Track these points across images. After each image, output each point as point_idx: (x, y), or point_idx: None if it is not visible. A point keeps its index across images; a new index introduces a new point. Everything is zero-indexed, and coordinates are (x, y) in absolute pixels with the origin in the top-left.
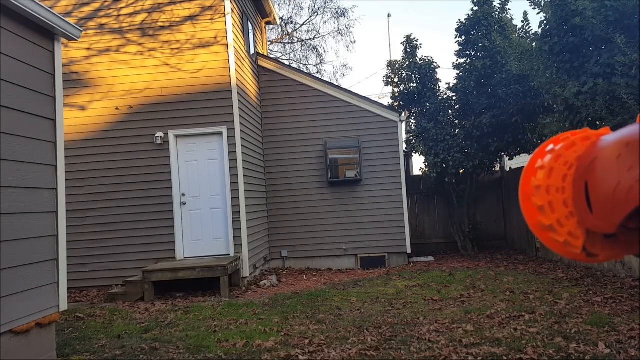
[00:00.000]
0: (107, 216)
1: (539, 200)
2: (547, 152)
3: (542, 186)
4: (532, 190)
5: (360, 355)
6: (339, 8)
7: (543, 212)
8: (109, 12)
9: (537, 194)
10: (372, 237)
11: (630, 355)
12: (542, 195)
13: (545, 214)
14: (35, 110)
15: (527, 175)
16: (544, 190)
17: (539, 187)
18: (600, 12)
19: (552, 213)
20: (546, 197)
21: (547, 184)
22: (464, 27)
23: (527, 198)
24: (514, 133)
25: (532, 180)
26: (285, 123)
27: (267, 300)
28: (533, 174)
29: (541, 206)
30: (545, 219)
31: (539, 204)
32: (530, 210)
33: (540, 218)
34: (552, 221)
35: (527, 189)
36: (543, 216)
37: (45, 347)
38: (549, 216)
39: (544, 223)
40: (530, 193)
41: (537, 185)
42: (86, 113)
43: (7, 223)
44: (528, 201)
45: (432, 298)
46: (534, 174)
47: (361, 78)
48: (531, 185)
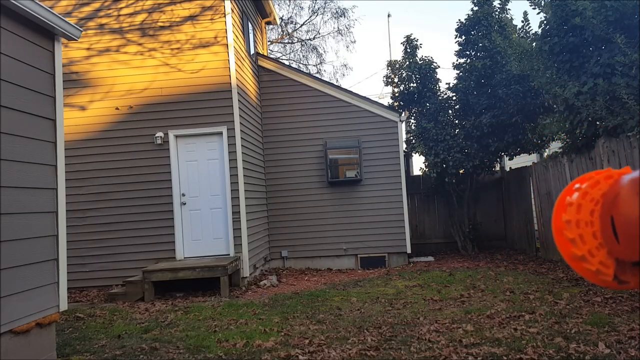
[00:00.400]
0: (107, 216)
1: (570, 233)
2: (574, 189)
3: (572, 221)
4: (564, 225)
5: (360, 355)
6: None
7: (575, 244)
8: (109, 12)
9: (568, 228)
10: (372, 237)
11: (630, 355)
12: (573, 229)
13: (577, 246)
14: (35, 110)
15: (558, 211)
16: (574, 225)
17: (570, 222)
18: (600, 12)
19: (583, 245)
20: (577, 231)
21: (576, 218)
22: (464, 27)
23: (560, 232)
24: (514, 133)
25: (562, 216)
26: (285, 123)
27: (267, 300)
28: (563, 210)
29: (573, 239)
30: (577, 250)
31: (571, 237)
32: (564, 242)
33: (573, 249)
34: (584, 252)
35: (559, 223)
36: (575, 248)
37: (45, 347)
38: (580, 247)
39: (577, 254)
40: (562, 227)
41: (567, 220)
42: (86, 113)
43: (7, 223)
44: (561, 234)
45: (432, 298)
46: (564, 210)
47: (361, 78)
48: (562, 220)
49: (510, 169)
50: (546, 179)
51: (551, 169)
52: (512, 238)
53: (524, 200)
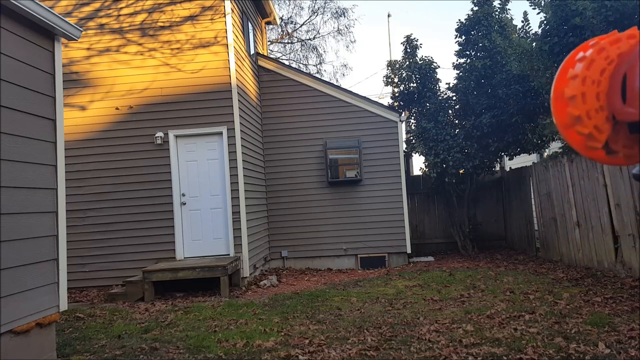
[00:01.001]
0: (107, 216)
1: (572, 90)
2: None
3: (578, 76)
4: (567, 82)
5: (360, 355)
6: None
7: (574, 102)
8: (109, 12)
9: (572, 84)
10: (372, 237)
11: (630, 355)
12: (577, 86)
13: (575, 105)
14: (35, 110)
15: (564, 68)
16: (579, 81)
17: (575, 77)
18: (600, 12)
19: (583, 104)
20: (580, 88)
21: (584, 74)
22: (464, 27)
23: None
24: (514, 133)
25: (569, 71)
26: (285, 123)
27: (267, 300)
28: (572, 65)
29: (573, 96)
30: (574, 109)
31: (571, 94)
32: (561, 105)
33: (569, 109)
34: (582, 112)
35: (562, 86)
36: (573, 106)
37: (45, 347)
38: (579, 107)
39: (573, 113)
40: (564, 84)
41: (574, 75)
42: (86, 113)
43: (7, 223)
44: (560, 101)
45: (432, 298)
46: (572, 65)
47: (361, 78)
48: (567, 76)
49: (510, 169)
50: (546, 179)
51: (551, 169)
52: (512, 238)
53: (524, 200)
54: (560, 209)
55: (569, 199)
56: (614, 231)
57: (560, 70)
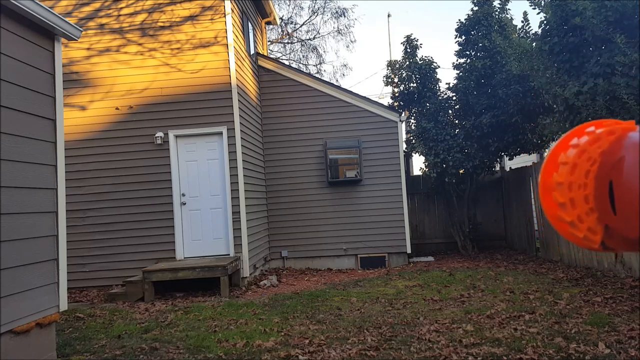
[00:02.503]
0: (107, 216)
1: (560, 197)
2: (570, 145)
3: (564, 183)
4: (554, 186)
5: (360, 355)
6: (339, 8)
7: (564, 208)
8: (109, 12)
9: (559, 190)
10: (372, 237)
11: (630, 355)
12: (564, 192)
13: (566, 211)
14: (35, 110)
15: (548, 168)
16: (566, 187)
17: (561, 184)
18: (600, 12)
19: (573, 210)
20: (568, 194)
21: (569, 180)
22: (464, 27)
23: (548, 192)
24: (514, 133)
25: (554, 176)
26: (285, 123)
27: (267, 300)
28: (555, 169)
29: (563, 203)
30: (566, 215)
31: (561, 201)
32: (551, 204)
33: (560, 214)
34: (573, 217)
35: (548, 182)
36: (564, 212)
37: (45, 347)
38: (569, 213)
39: (565, 219)
40: (551, 187)
41: (559, 182)
42: (86, 113)
43: (7, 223)
44: (549, 195)
45: (432, 298)
46: (555, 169)
47: (361, 78)
48: (553, 180)
49: (510, 169)
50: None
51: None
52: (512, 238)
53: (524, 200)
54: None
55: None
56: None
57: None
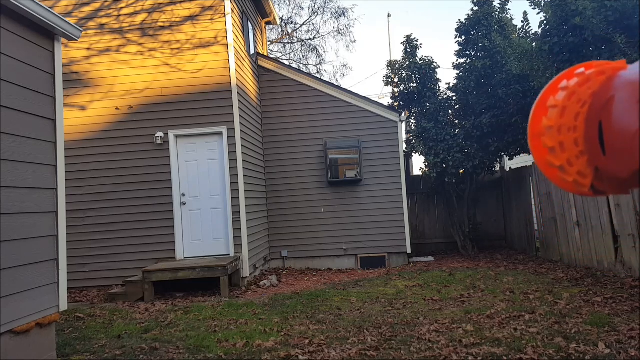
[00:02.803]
0: (107, 216)
1: (549, 141)
2: (559, 88)
3: (553, 126)
4: (543, 130)
5: (360, 355)
6: (339, 8)
7: (554, 152)
8: (109, 12)
9: (548, 134)
10: (372, 237)
11: (630, 355)
12: (554, 136)
13: (555, 155)
14: (35, 110)
15: (537, 112)
16: (555, 131)
17: (551, 128)
18: (600, 12)
19: (562, 153)
20: (557, 138)
21: (559, 123)
22: (464, 27)
23: (537, 137)
24: (514, 133)
25: (542, 120)
26: (285, 123)
27: (267, 300)
28: (544, 112)
29: (552, 147)
30: (555, 159)
31: (550, 145)
32: (540, 149)
33: (550, 158)
34: (562, 161)
35: (537, 127)
36: (553, 157)
37: (45, 347)
38: (559, 156)
39: (554, 163)
40: (540, 132)
41: (548, 125)
42: (86, 113)
43: (7, 223)
44: (537, 140)
45: (432, 298)
46: (544, 113)
47: (361, 78)
48: (542, 124)
49: (510, 169)
50: (546, 179)
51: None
52: (512, 238)
53: (524, 200)
54: (560, 209)
55: (569, 198)
56: (614, 231)
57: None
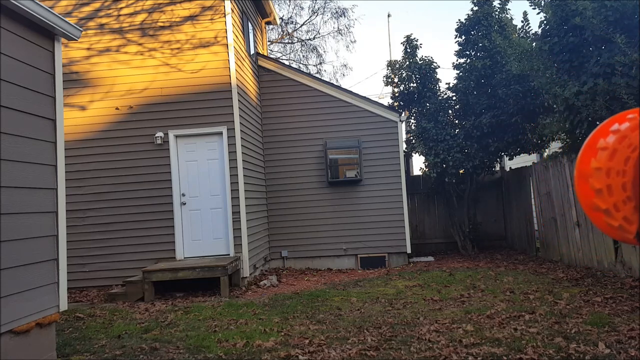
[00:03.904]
0: (107, 216)
1: (597, 183)
2: (610, 131)
3: (602, 168)
4: (591, 171)
5: (360, 355)
6: (339, 8)
7: (601, 195)
8: (109, 12)
9: (596, 175)
10: (372, 237)
11: (630, 355)
12: (602, 178)
13: (602, 198)
14: (35, 110)
15: (586, 153)
16: (604, 173)
17: (600, 170)
18: (600, 12)
19: (609, 197)
20: (605, 180)
21: (608, 166)
22: (464, 27)
23: (584, 178)
24: (514, 133)
25: (592, 161)
26: (285, 123)
27: (267, 300)
28: (593, 155)
29: (599, 189)
30: (602, 202)
31: (598, 187)
32: (586, 190)
33: (596, 200)
34: (609, 205)
35: (586, 168)
36: (600, 199)
37: (45, 347)
38: (606, 200)
39: (600, 206)
40: (588, 174)
41: (597, 167)
42: (86, 113)
43: (7, 223)
44: (584, 181)
45: (432, 298)
46: (594, 155)
47: (361, 78)
48: (590, 166)
49: (510, 169)
50: (546, 179)
51: (551, 169)
52: (512, 238)
53: (524, 200)
54: (560, 209)
55: (569, 198)
56: None
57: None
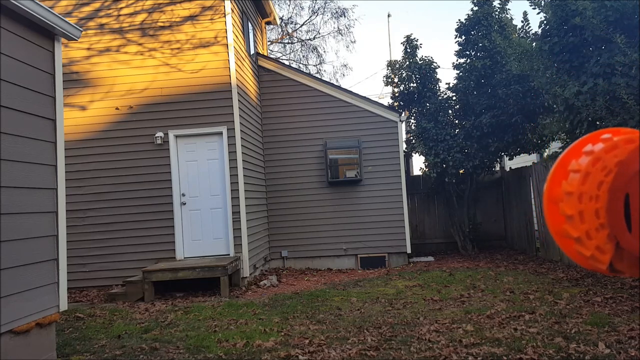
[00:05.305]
0: (107, 216)
1: (568, 208)
2: (583, 152)
3: (574, 193)
4: (562, 196)
5: (360, 355)
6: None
7: (572, 221)
8: (109, 12)
9: (567, 200)
10: (372, 237)
11: (630, 355)
12: (573, 204)
13: (573, 224)
14: (35, 110)
15: (556, 176)
16: (575, 198)
17: (571, 194)
18: (600, 12)
19: (581, 224)
20: (577, 206)
21: (580, 190)
22: (464, 27)
23: (554, 202)
24: (514, 133)
25: (562, 184)
26: (285, 123)
27: (267, 300)
28: (564, 177)
29: (570, 216)
30: (573, 230)
31: (569, 213)
32: (555, 216)
33: (566, 227)
34: (581, 233)
35: (555, 192)
36: (571, 226)
37: (45, 347)
38: (577, 227)
39: (571, 234)
40: (558, 198)
41: (568, 191)
42: (86, 113)
43: (7, 223)
44: (554, 206)
45: (432, 298)
46: (565, 177)
47: (361, 78)
48: (561, 189)
49: (510, 169)
50: (546, 179)
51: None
52: (512, 238)
53: (524, 200)
54: None
55: None
56: None
57: (552, 176)
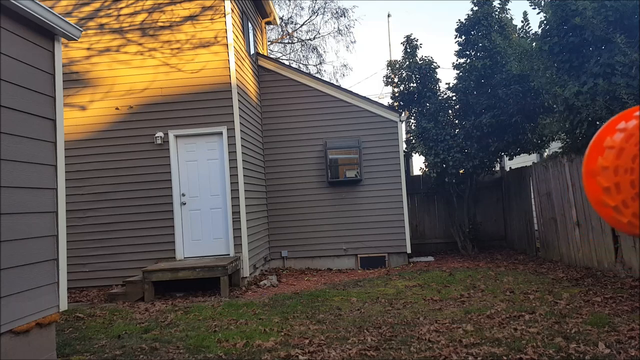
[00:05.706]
0: (107, 216)
1: (605, 181)
2: (617, 129)
3: (609, 167)
4: (598, 170)
5: (360, 355)
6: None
7: (609, 193)
8: (109, 12)
9: (603, 174)
10: (372, 237)
11: (630, 355)
12: (609, 177)
13: (610, 195)
14: (35, 110)
15: (593, 152)
16: (611, 172)
17: (607, 168)
18: (600, 12)
19: (617, 194)
20: (613, 179)
21: (615, 164)
22: (464, 27)
23: (592, 176)
24: (514, 133)
25: (598, 160)
26: (285, 123)
27: (267, 300)
28: (600, 153)
29: (607, 187)
30: (610, 199)
31: (605, 185)
32: (594, 188)
33: (604, 198)
34: (617, 202)
35: (593, 166)
36: (608, 197)
37: (45, 347)
38: (614, 197)
39: (609, 203)
40: (595, 172)
41: (604, 165)
42: (86, 113)
43: (7, 223)
44: (592, 179)
45: (432, 298)
46: (601, 153)
47: (361, 78)
48: (597, 164)
49: (510, 169)
50: (546, 179)
51: (551, 169)
52: (512, 238)
53: (524, 200)
54: (560, 209)
55: (569, 198)
56: (614, 231)
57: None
